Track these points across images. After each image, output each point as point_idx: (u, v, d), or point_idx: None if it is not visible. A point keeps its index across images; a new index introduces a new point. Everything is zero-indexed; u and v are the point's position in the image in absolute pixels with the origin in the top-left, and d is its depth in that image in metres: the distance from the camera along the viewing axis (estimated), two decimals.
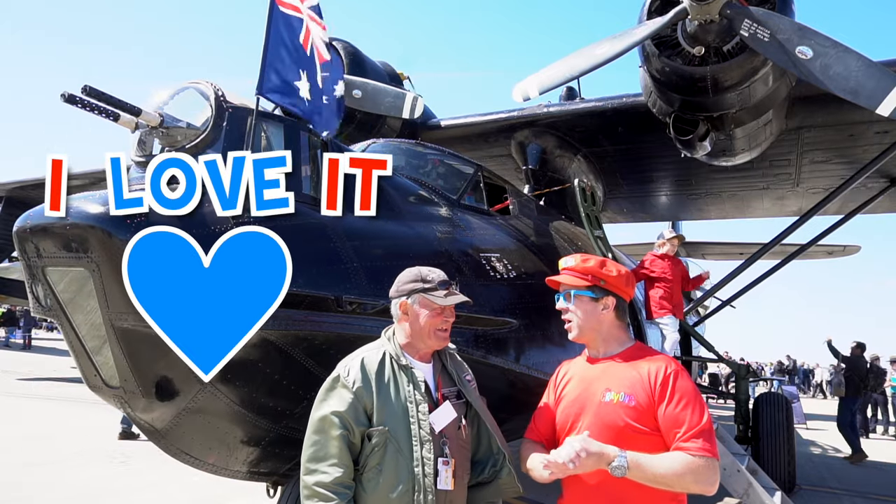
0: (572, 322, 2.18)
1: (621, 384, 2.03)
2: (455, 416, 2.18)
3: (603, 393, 2.04)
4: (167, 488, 5.86)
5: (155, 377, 2.59)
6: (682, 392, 1.96)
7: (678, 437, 1.90)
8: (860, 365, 11.33)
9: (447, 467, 2.08)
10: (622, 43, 4.52)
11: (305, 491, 1.99)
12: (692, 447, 1.87)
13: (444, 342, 2.26)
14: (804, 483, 7.96)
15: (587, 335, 2.18)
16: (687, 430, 1.89)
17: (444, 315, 2.22)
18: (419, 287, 2.22)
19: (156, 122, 2.78)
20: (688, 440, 1.88)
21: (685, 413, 1.92)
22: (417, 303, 2.21)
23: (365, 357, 2.17)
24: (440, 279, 2.24)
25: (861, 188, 7.36)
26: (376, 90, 5.55)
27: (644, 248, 18.89)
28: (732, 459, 4.98)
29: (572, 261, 2.24)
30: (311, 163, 3.21)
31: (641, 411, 1.97)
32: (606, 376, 2.09)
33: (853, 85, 3.97)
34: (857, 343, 11.70)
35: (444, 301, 2.20)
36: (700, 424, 1.90)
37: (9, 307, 24.79)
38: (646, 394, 1.98)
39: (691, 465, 1.85)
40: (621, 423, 1.96)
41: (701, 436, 1.89)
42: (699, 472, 1.85)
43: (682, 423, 1.91)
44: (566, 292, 2.20)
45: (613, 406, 2.00)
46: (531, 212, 5.23)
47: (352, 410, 2.04)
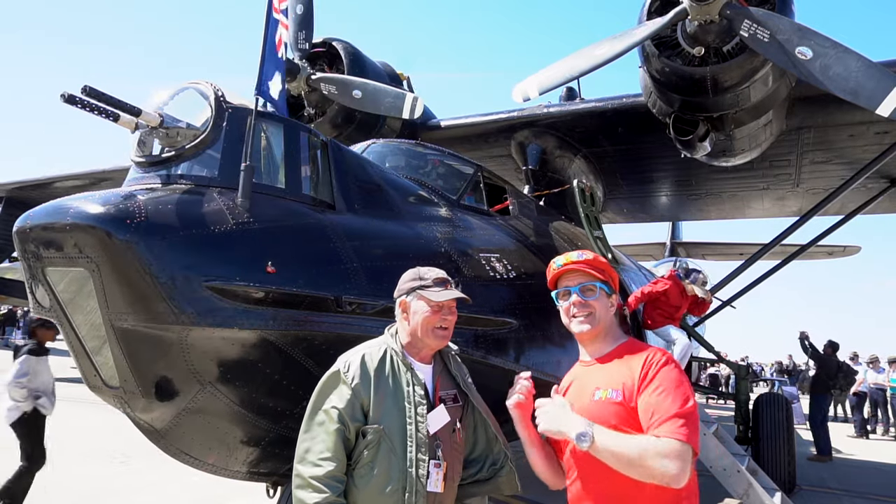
0: (592, 315, 2.11)
1: (610, 381, 1.99)
2: (449, 419, 2.18)
3: (593, 392, 2.02)
4: (167, 488, 5.86)
5: (155, 377, 2.59)
6: (662, 380, 1.87)
7: (651, 424, 1.80)
8: (830, 364, 11.41)
9: (438, 470, 2.09)
10: (622, 43, 4.52)
11: (297, 480, 2.01)
12: (662, 431, 1.75)
13: (443, 341, 2.26)
14: (804, 483, 7.96)
15: (601, 329, 2.12)
16: (660, 416, 1.79)
17: (442, 313, 2.22)
18: (416, 285, 2.24)
19: (156, 123, 2.77)
20: (660, 424, 1.77)
21: (662, 400, 1.82)
22: (415, 300, 2.23)
23: (366, 353, 2.18)
24: (436, 276, 2.25)
25: (861, 188, 7.36)
26: (376, 90, 5.55)
27: (644, 248, 18.94)
28: (732, 460, 4.98)
29: (586, 255, 2.19)
30: (311, 163, 3.22)
31: (627, 407, 1.91)
32: (597, 375, 2.07)
33: (853, 85, 3.97)
34: (829, 342, 11.78)
35: (439, 297, 2.20)
36: (676, 410, 1.78)
37: (9, 307, 24.77)
38: (633, 386, 1.93)
39: (657, 445, 1.72)
40: (612, 421, 1.90)
41: (674, 419, 1.76)
42: (663, 456, 1.70)
43: (655, 410, 1.81)
44: (584, 286, 2.14)
45: (602, 403, 1.96)
46: (531, 212, 5.23)
47: (349, 406, 2.06)
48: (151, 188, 2.71)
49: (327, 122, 6.40)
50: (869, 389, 14.66)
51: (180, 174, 2.79)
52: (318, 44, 6.47)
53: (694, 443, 1.76)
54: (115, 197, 2.49)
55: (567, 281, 2.19)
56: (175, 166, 2.81)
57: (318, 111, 6.47)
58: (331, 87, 5.78)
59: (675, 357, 6.22)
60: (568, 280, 2.18)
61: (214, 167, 2.81)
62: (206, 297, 2.48)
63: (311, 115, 6.49)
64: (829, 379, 11.22)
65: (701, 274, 6.78)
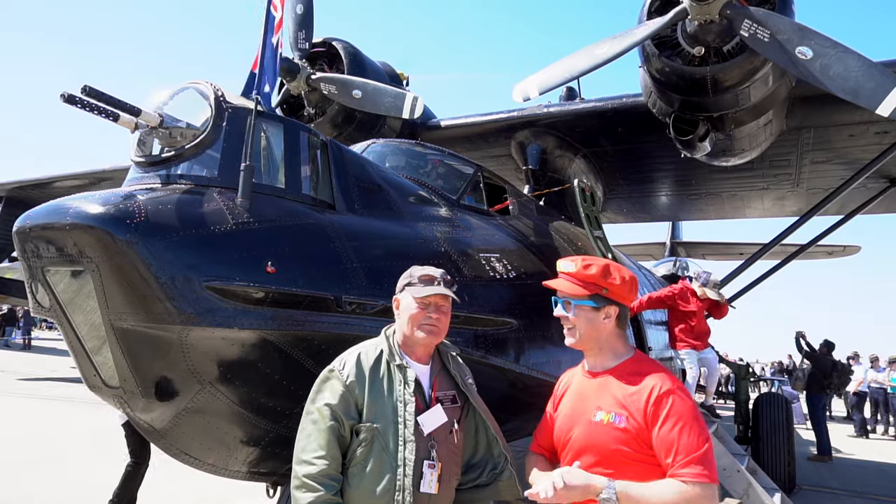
0: (572, 329, 2.10)
1: (613, 403, 1.93)
2: (446, 419, 2.17)
3: (594, 411, 1.96)
4: (167, 488, 5.86)
5: (154, 377, 2.59)
6: (678, 414, 1.82)
7: (673, 464, 1.79)
8: (824, 364, 11.45)
9: (433, 470, 2.08)
10: (622, 43, 4.52)
11: (295, 481, 2.02)
12: (687, 473, 1.75)
13: (432, 337, 2.23)
14: (804, 483, 7.97)
15: (586, 343, 2.09)
16: (682, 456, 1.78)
17: (428, 310, 2.21)
18: (405, 282, 2.29)
19: (156, 123, 2.77)
20: (683, 466, 1.77)
21: (681, 437, 1.79)
22: (404, 297, 2.26)
23: (361, 352, 2.20)
24: (422, 274, 2.27)
25: (861, 188, 7.36)
26: (376, 90, 5.55)
27: (644, 247, 18.93)
28: (732, 460, 4.98)
29: (572, 266, 2.11)
30: (311, 163, 3.22)
31: (632, 434, 1.86)
32: (600, 393, 2.00)
33: (853, 85, 3.97)
34: (825, 342, 11.85)
35: (420, 293, 2.21)
36: (697, 450, 1.78)
37: (9, 307, 24.78)
38: (639, 414, 1.87)
39: (685, 493, 1.74)
40: (611, 447, 1.87)
41: (698, 462, 1.76)
42: (694, 501, 1.73)
43: (676, 448, 1.78)
44: (565, 300, 2.10)
45: (604, 427, 1.91)
46: (531, 212, 5.23)
47: (343, 403, 2.07)
48: (151, 188, 2.70)
49: (327, 121, 6.40)
50: (869, 389, 14.68)
51: (180, 174, 2.78)
52: (318, 43, 6.47)
53: (716, 478, 1.77)
54: (115, 197, 2.48)
55: (558, 289, 2.16)
56: (175, 166, 2.80)
57: (318, 111, 6.47)
58: (331, 87, 5.78)
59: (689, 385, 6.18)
60: (559, 288, 2.15)
61: (214, 167, 2.80)
62: (206, 297, 2.47)
63: (311, 114, 6.49)
64: (823, 378, 11.26)
65: (712, 275, 6.67)
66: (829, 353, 11.69)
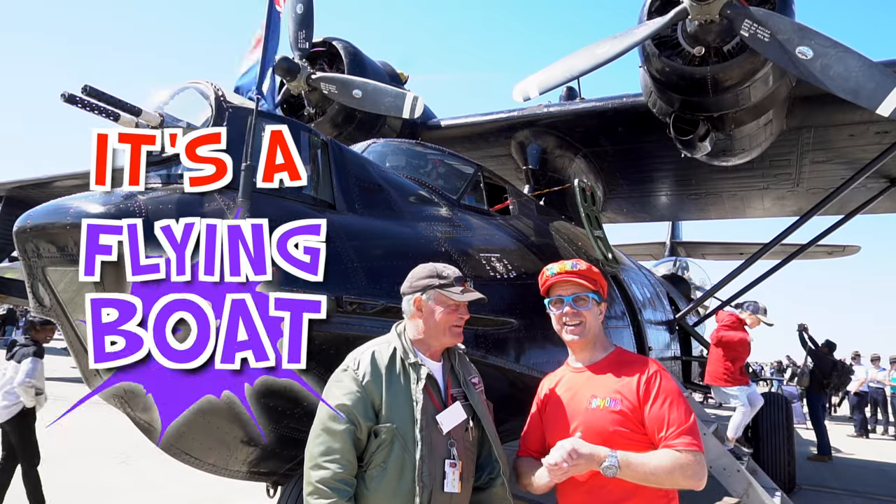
0: (583, 325, 2.21)
1: (607, 389, 2.09)
2: (465, 417, 2.14)
3: (589, 400, 2.10)
4: (167, 488, 5.86)
5: None
6: (666, 392, 2.05)
7: (665, 436, 1.99)
8: (825, 363, 11.45)
9: (455, 469, 2.05)
10: (622, 43, 4.52)
11: (308, 487, 1.95)
12: (679, 443, 1.96)
13: (458, 339, 2.24)
14: (804, 483, 7.97)
15: (591, 338, 2.23)
16: (674, 428, 1.98)
17: (459, 312, 2.20)
18: (435, 283, 2.19)
19: (156, 122, 2.77)
20: (675, 437, 1.97)
21: (671, 412, 2.01)
22: (433, 299, 2.18)
23: (375, 350, 2.14)
24: (456, 275, 2.22)
25: (861, 188, 7.35)
26: (376, 90, 5.55)
27: (644, 247, 18.93)
28: (732, 459, 4.97)
29: (576, 266, 2.27)
30: (311, 163, 3.21)
31: (627, 415, 2.03)
32: (591, 383, 2.15)
33: (853, 85, 3.97)
34: (826, 342, 11.87)
35: (461, 297, 2.18)
36: (686, 422, 2.00)
37: (9, 307, 24.78)
38: (632, 395, 2.06)
39: (680, 460, 1.93)
40: (610, 429, 2.02)
41: (687, 433, 1.98)
42: (687, 467, 1.93)
43: (668, 421, 2.00)
44: (577, 296, 2.22)
45: (600, 412, 2.06)
46: (531, 212, 5.23)
47: (360, 404, 2.00)
48: (151, 188, 2.70)
49: (327, 121, 6.40)
50: (869, 388, 14.68)
51: (180, 174, 2.78)
52: (318, 43, 6.47)
53: (702, 447, 2.00)
54: (116, 197, 2.49)
55: (560, 290, 2.25)
56: (175, 166, 2.80)
57: (319, 111, 6.47)
58: (331, 87, 5.78)
59: (738, 426, 6.14)
60: (561, 289, 2.25)
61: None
62: None
63: (311, 114, 6.49)
64: (823, 377, 11.26)
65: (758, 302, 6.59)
66: (830, 353, 11.70)
